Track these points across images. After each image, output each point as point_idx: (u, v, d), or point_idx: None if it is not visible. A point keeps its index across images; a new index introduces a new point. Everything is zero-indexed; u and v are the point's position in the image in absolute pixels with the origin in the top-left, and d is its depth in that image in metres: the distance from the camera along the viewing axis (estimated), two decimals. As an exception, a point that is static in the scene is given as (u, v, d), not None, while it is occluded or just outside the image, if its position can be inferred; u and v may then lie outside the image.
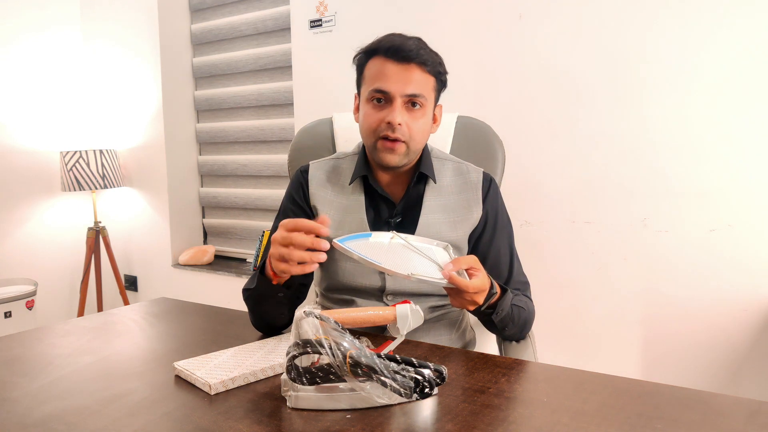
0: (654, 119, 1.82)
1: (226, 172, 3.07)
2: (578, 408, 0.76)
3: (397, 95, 1.07)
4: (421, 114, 1.10)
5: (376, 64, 1.10)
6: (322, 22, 2.44)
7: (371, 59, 1.11)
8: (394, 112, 1.07)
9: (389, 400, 0.76)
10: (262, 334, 1.09)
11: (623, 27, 1.84)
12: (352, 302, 1.17)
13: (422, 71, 1.08)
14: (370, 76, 1.11)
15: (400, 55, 1.07)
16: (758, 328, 1.73)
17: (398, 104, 1.07)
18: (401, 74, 1.07)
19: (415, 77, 1.08)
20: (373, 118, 1.10)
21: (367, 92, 1.11)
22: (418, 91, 1.08)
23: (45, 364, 0.95)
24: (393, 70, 1.07)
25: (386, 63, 1.08)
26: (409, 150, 1.10)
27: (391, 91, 1.07)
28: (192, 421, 0.74)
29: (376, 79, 1.09)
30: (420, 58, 1.07)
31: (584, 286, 1.97)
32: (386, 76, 1.07)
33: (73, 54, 3.19)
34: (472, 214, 1.17)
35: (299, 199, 1.21)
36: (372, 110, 1.10)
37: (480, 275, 0.97)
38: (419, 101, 1.09)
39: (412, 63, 1.07)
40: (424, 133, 1.13)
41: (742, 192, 1.71)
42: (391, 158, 1.10)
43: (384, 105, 1.09)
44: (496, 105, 2.06)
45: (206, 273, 2.95)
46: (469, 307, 1.00)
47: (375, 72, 1.09)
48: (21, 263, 3.01)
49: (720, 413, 0.75)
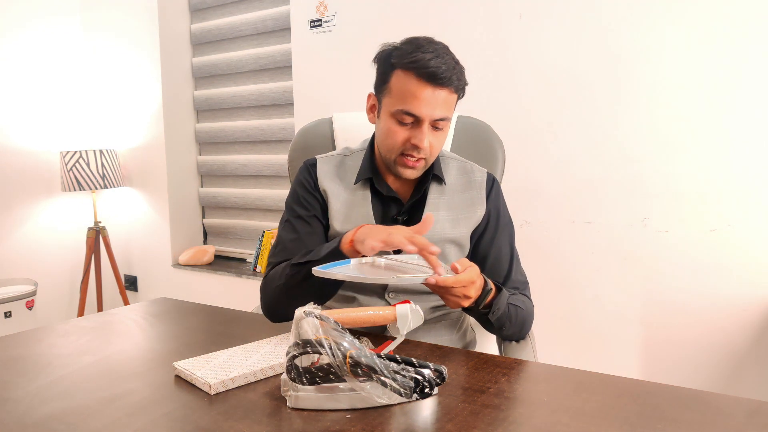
0: (654, 119, 1.82)
1: (226, 172, 3.07)
2: (578, 408, 0.76)
3: (427, 119, 1.06)
4: (444, 132, 1.11)
5: (406, 81, 1.05)
6: (322, 22, 2.44)
7: (402, 71, 1.06)
8: (422, 135, 1.06)
9: (389, 400, 0.76)
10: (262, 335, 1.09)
11: (623, 27, 1.84)
12: (354, 299, 1.17)
13: (450, 93, 1.07)
14: (399, 92, 1.06)
15: (436, 81, 1.04)
16: (758, 328, 1.73)
17: (426, 128, 1.06)
18: (432, 99, 1.04)
19: (443, 100, 1.06)
20: (399, 137, 1.08)
21: (393, 108, 1.07)
22: (444, 115, 1.07)
23: (45, 364, 0.95)
24: (425, 93, 1.04)
25: (419, 85, 1.04)
26: (427, 164, 1.12)
27: (422, 116, 1.05)
28: (192, 421, 0.74)
29: (405, 100, 1.05)
30: (452, 83, 1.05)
31: (584, 286, 1.97)
32: (417, 100, 1.04)
33: (73, 54, 3.19)
34: (475, 212, 1.17)
35: (309, 186, 1.20)
36: (397, 127, 1.08)
37: (468, 270, 0.96)
38: (443, 124, 1.09)
39: (445, 88, 1.05)
40: (442, 146, 1.14)
41: (742, 192, 1.71)
42: (411, 173, 1.11)
43: (410, 126, 1.08)
44: (496, 105, 2.06)
45: (206, 273, 2.95)
46: (463, 303, 0.98)
47: (405, 91, 1.05)
48: (21, 263, 3.01)
49: (720, 413, 0.75)
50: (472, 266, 0.97)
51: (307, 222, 1.17)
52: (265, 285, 1.14)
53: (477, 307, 1.03)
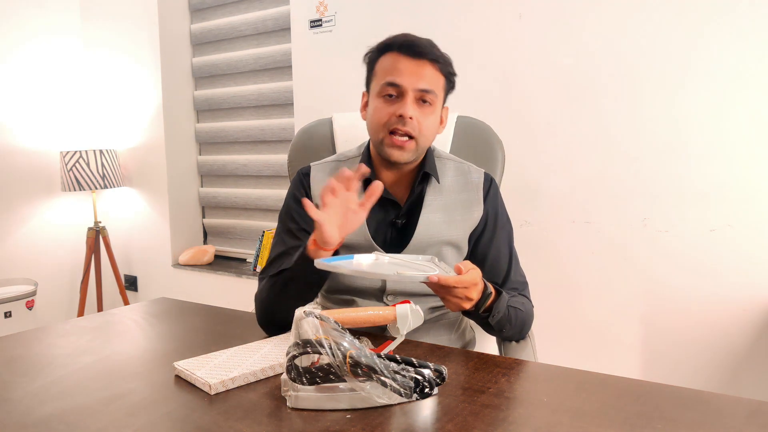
0: (654, 119, 1.82)
1: (226, 172, 3.07)
2: (578, 408, 0.76)
3: (410, 89, 1.07)
4: (431, 111, 1.10)
5: (388, 60, 1.10)
6: (322, 22, 2.44)
7: (383, 55, 1.12)
8: (406, 105, 1.07)
9: (389, 400, 0.76)
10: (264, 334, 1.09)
11: (623, 27, 1.84)
12: (353, 302, 1.16)
13: (434, 69, 1.09)
14: (382, 70, 1.11)
15: (414, 51, 1.08)
16: (758, 328, 1.73)
17: (410, 98, 1.08)
18: (414, 69, 1.08)
19: (428, 73, 1.08)
20: (384, 111, 1.09)
21: (378, 86, 1.11)
22: (430, 87, 1.08)
23: (45, 364, 0.95)
24: (406, 64, 1.08)
25: (399, 58, 1.09)
26: (417, 146, 1.10)
27: (404, 85, 1.07)
28: (192, 421, 0.74)
29: (388, 73, 1.09)
30: (433, 55, 1.08)
31: (584, 286, 1.97)
32: (399, 70, 1.08)
33: (73, 54, 3.19)
34: (472, 213, 1.17)
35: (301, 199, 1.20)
36: (383, 104, 1.10)
37: (470, 271, 0.95)
38: (430, 98, 1.09)
39: (425, 59, 1.08)
40: (432, 132, 1.13)
41: (742, 192, 1.71)
42: (400, 155, 1.10)
43: (395, 100, 1.09)
44: (496, 105, 2.06)
45: (206, 273, 2.95)
46: (464, 305, 0.98)
47: (388, 66, 1.10)
48: (21, 263, 3.01)
49: (720, 413, 0.75)
50: (475, 269, 0.97)
51: (296, 236, 1.17)
52: (255, 299, 1.14)
53: (477, 311, 1.03)
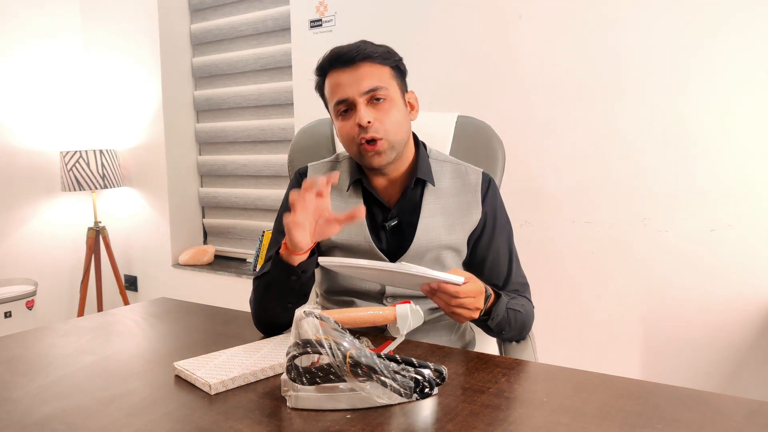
0: (654, 119, 1.82)
1: (226, 172, 3.07)
2: (578, 408, 0.76)
3: (356, 96, 1.07)
4: (389, 106, 1.09)
5: (330, 81, 1.11)
6: (322, 22, 2.44)
7: (325, 79, 1.13)
8: (359, 113, 1.07)
9: (389, 400, 0.76)
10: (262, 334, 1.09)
11: (623, 27, 1.84)
12: (352, 303, 1.16)
13: (371, 65, 1.09)
14: (329, 93, 1.12)
15: (344, 60, 1.08)
16: (758, 328, 1.73)
17: (361, 105, 1.08)
18: (352, 76, 1.08)
19: (366, 73, 1.08)
20: (346, 128, 1.10)
21: (333, 109, 1.13)
22: (373, 85, 1.08)
23: (45, 364, 0.95)
24: (343, 76, 1.09)
25: (336, 74, 1.10)
26: (390, 144, 1.09)
27: (349, 96, 1.08)
28: (192, 421, 0.74)
29: (333, 93, 1.10)
30: (362, 54, 1.08)
31: (584, 286, 1.97)
32: (340, 85, 1.09)
33: (73, 53, 3.19)
34: (471, 216, 1.16)
35: None
36: (343, 122, 1.11)
37: (471, 281, 0.95)
38: (380, 94, 1.08)
39: (356, 62, 1.08)
40: (401, 124, 1.11)
41: (742, 192, 1.71)
42: (377, 159, 1.10)
43: (351, 113, 1.10)
44: (496, 105, 2.06)
45: (206, 273, 2.95)
46: (474, 315, 0.97)
47: (331, 87, 1.11)
48: (21, 263, 3.01)
49: (720, 413, 0.75)
50: (472, 276, 0.97)
51: None
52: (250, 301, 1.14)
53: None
